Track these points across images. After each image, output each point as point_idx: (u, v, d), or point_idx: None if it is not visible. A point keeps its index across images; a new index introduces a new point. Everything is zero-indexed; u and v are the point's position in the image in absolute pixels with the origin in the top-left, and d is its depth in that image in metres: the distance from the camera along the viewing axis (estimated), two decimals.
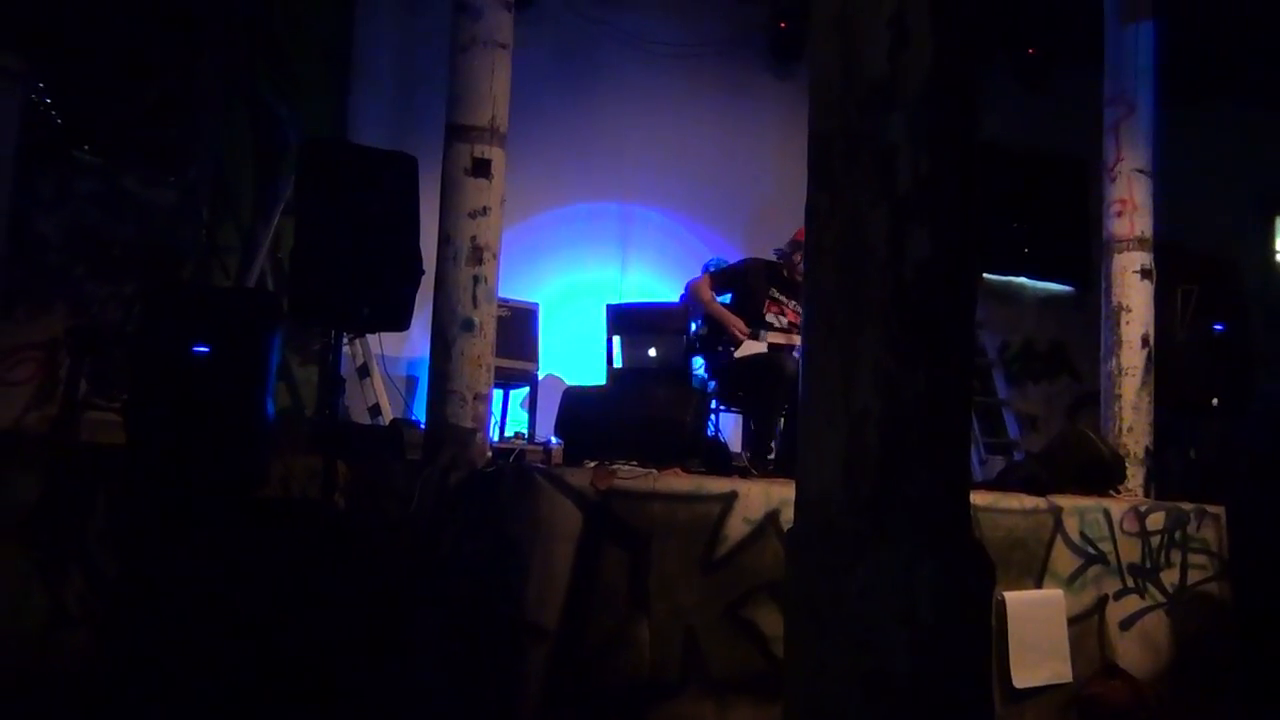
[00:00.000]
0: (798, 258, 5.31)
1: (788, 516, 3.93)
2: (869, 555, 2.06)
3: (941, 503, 2.14)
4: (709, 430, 5.00)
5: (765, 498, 4.06)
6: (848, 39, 2.16)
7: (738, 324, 5.25)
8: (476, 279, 4.59)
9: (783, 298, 5.39)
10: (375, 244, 4.20)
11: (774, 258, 5.49)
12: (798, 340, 5.19)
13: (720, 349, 5.31)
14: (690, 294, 5.51)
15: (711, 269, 6.24)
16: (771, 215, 7.29)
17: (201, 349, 3.87)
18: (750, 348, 5.29)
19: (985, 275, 8.58)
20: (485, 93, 4.68)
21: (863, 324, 2.11)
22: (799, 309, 5.35)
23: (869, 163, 2.10)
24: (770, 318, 5.36)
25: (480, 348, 4.59)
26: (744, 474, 4.50)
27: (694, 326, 5.62)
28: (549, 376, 6.95)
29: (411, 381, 6.89)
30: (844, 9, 2.17)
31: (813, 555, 2.17)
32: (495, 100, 4.69)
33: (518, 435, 6.27)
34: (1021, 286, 8.89)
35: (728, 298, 5.46)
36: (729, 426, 6.24)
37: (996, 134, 7.99)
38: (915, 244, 2.09)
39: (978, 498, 4.19)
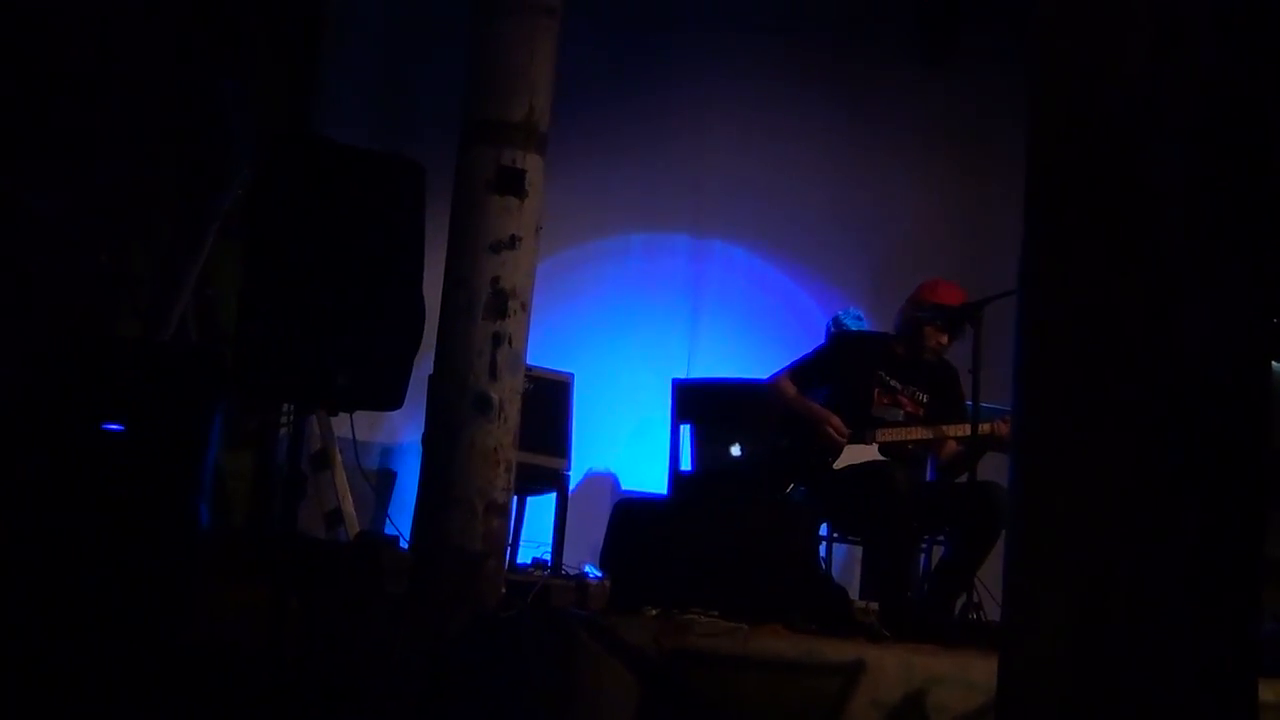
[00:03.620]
0: (930, 330, 5.32)
1: (939, 700, 3.90)
2: None
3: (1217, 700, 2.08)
4: (820, 567, 4.98)
5: (905, 672, 4.01)
6: (1086, 28, 2.13)
7: (831, 420, 5.25)
8: (498, 338, 4.64)
9: (896, 383, 5.39)
10: (360, 285, 4.18)
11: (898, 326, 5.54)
12: (918, 437, 5.19)
13: (814, 460, 5.30)
14: (770, 393, 5.53)
15: (837, 326, 6.22)
16: (911, 261, 7.26)
17: (113, 427, 3.87)
18: (858, 455, 5.30)
19: None
20: (521, 77, 4.77)
21: (1108, 438, 2.06)
22: (920, 397, 5.33)
23: (1121, 208, 2.06)
24: (881, 411, 5.38)
25: (499, 437, 4.64)
26: (872, 635, 4.49)
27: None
28: (587, 478, 6.96)
29: (387, 477, 6.89)
30: None
31: None
32: (535, 87, 4.76)
33: (538, 563, 6.25)
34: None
35: (823, 394, 5.48)
36: (842, 562, 6.17)
37: None
38: (1190, 325, 2.04)
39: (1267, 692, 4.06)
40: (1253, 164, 2.15)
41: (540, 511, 6.56)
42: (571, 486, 6.57)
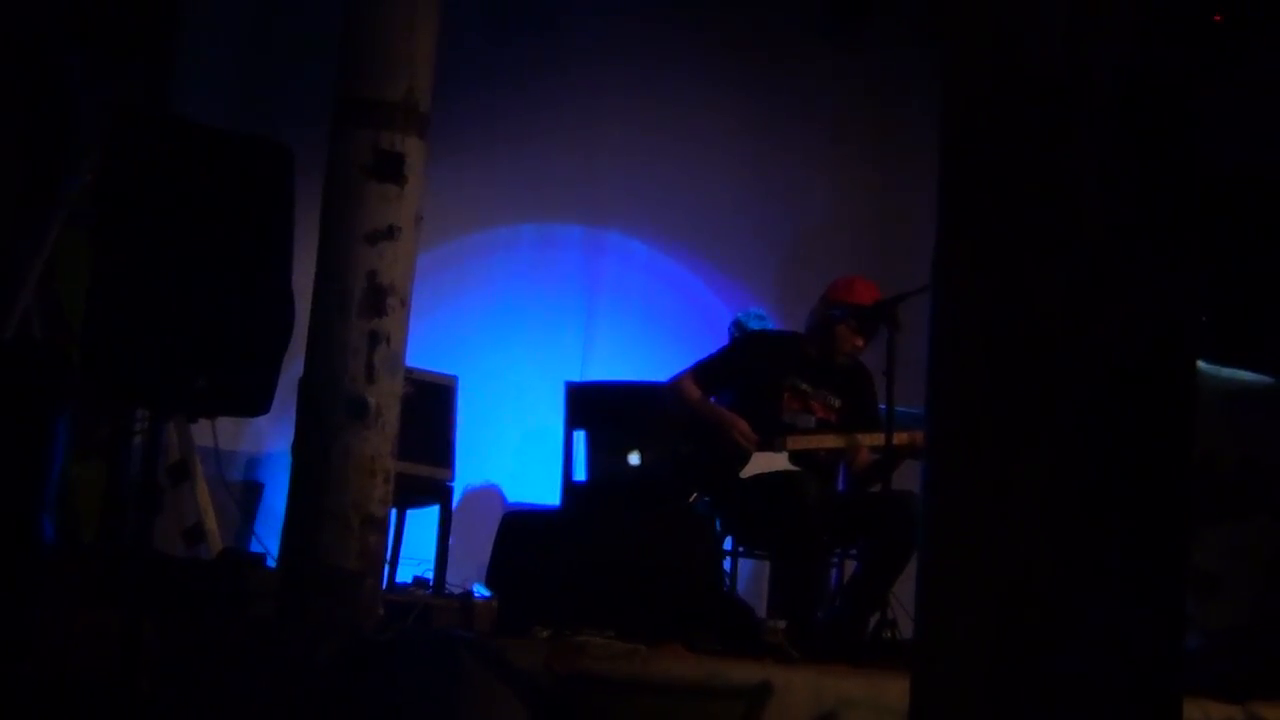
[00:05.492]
0: (843, 330, 5.37)
1: None
2: None
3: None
4: (724, 583, 5.01)
5: (814, 694, 4.04)
6: (999, 11, 2.17)
7: (738, 424, 5.28)
8: (375, 338, 4.61)
9: (808, 387, 5.43)
10: (222, 280, 4.14)
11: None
12: (830, 445, 5.24)
13: (719, 468, 5.32)
14: (670, 396, 5.53)
15: (739, 329, 6.27)
16: (822, 253, 7.34)
17: None
18: (767, 463, 5.32)
19: None
20: (400, 52, 4.74)
21: (1025, 445, 2.09)
22: (833, 401, 5.39)
23: (1037, 204, 2.09)
24: (792, 417, 5.41)
25: (376, 445, 4.59)
26: (778, 655, 4.52)
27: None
28: (472, 490, 6.94)
29: (253, 489, 6.83)
30: None
31: None
32: (415, 64, 4.74)
33: (419, 581, 6.23)
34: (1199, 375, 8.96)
35: (728, 398, 5.51)
36: (748, 577, 6.21)
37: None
38: (1110, 325, 2.07)
39: (1193, 710, 4.15)
40: (1176, 153, 2.19)
41: (422, 525, 6.54)
42: (456, 498, 6.58)
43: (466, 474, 6.73)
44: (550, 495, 6.47)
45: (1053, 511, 2.09)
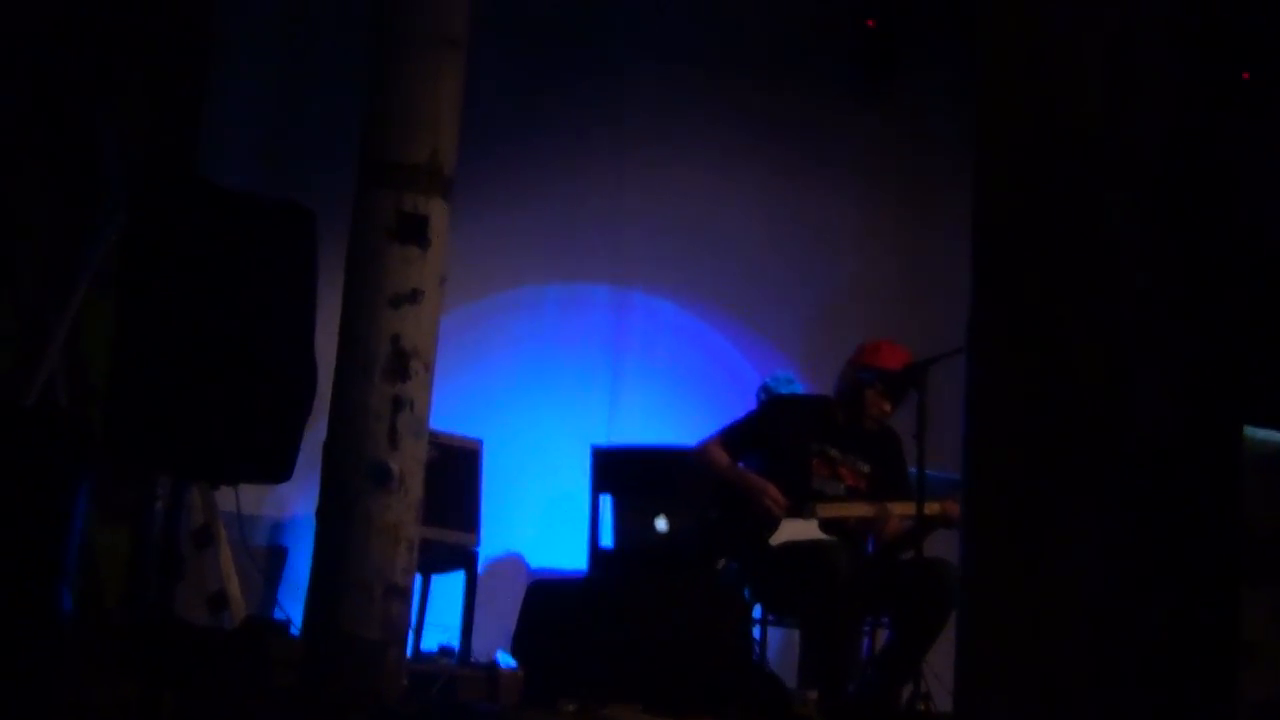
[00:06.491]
0: (871, 394, 5.36)
1: None
2: None
3: None
4: (754, 654, 5.04)
5: None
6: (1038, 70, 2.15)
7: (768, 489, 5.24)
8: (398, 402, 4.63)
9: (836, 453, 5.40)
10: (245, 344, 4.13)
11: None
12: (861, 513, 5.20)
13: (748, 534, 5.29)
14: (698, 461, 5.51)
15: (767, 393, 6.24)
16: (850, 314, 7.30)
17: None
18: (795, 530, 5.29)
19: None
20: (423, 115, 4.78)
21: (1065, 516, 2.05)
22: (862, 467, 5.35)
23: (1073, 269, 2.06)
24: (820, 483, 5.39)
25: (400, 511, 4.61)
26: None
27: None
28: (498, 556, 6.91)
29: (277, 555, 6.81)
30: (1031, 24, 2.15)
31: None
32: (439, 126, 4.78)
33: (444, 650, 6.21)
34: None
35: (756, 463, 5.48)
36: (778, 646, 6.15)
37: None
38: (1149, 395, 2.04)
39: None
40: (1213, 219, 2.16)
41: (447, 592, 6.50)
42: (481, 565, 6.55)
43: (491, 539, 6.69)
44: (576, 560, 6.43)
45: (1095, 587, 2.06)
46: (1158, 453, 2.09)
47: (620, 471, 6.35)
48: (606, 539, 6.15)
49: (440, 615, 6.47)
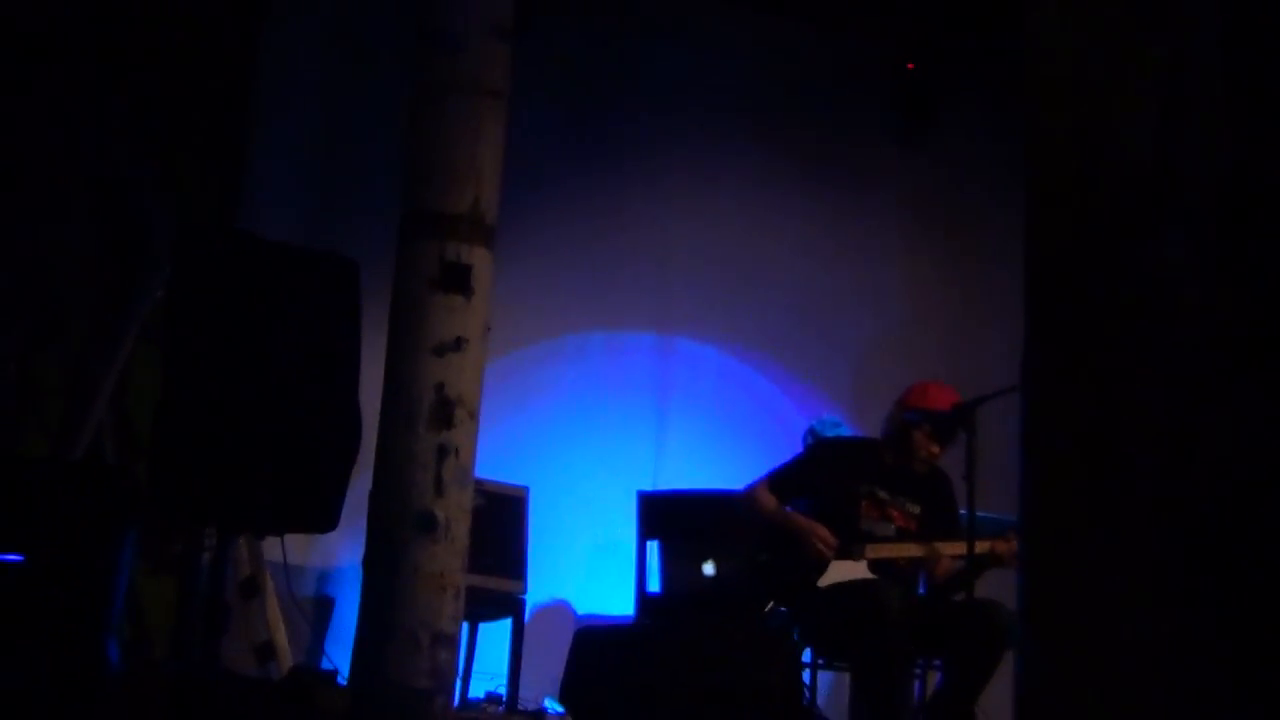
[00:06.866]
0: (920, 436, 5.34)
1: None
2: None
3: None
4: (805, 698, 5.00)
5: None
6: (1088, 105, 2.12)
7: (817, 531, 5.22)
8: (444, 450, 4.63)
9: (885, 494, 5.39)
10: (290, 394, 4.16)
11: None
12: (911, 554, 5.16)
13: (797, 577, 5.26)
14: (746, 504, 5.49)
15: (814, 437, 6.22)
16: (895, 355, 7.27)
17: (11, 558, 3.81)
18: (844, 572, 5.26)
19: None
20: (465, 164, 4.80)
21: (1129, 566, 2.02)
22: (912, 509, 5.32)
23: (1129, 306, 2.03)
24: (870, 525, 5.38)
25: (446, 559, 4.60)
26: None
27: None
28: (545, 603, 6.89)
29: (324, 605, 6.81)
30: (1079, 57, 2.13)
31: None
32: (481, 175, 4.79)
33: (492, 698, 6.19)
34: None
35: (804, 506, 5.46)
36: (828, 690, 6.09)
37: None
38: (1211, 438, 2.00)
39: None
40: (1274, 253, 2.13)
41: (494, 640, 6.47)
42: (528, 612, 6.51)
43: (538, 585, 6.68)
44: (623, 606, 6.40)
45: (1161, 641, 2.01)
46: (1222, 497, 2.04)
47: (667, 516, 6.33)
48: (654, 584, 6.13)
49: (487, 663, 6.45)
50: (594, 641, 4.86)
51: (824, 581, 5.24)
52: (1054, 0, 2.20)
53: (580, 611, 6.94)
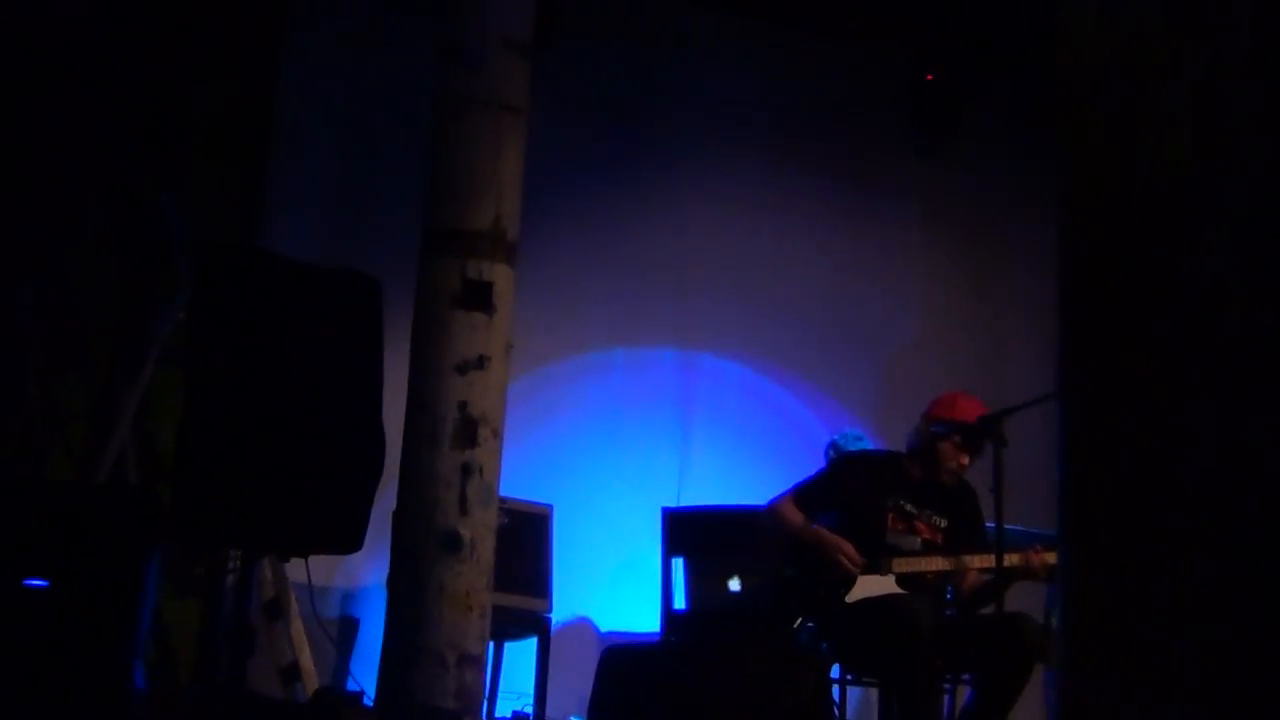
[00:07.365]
0: (947, 448, 5.31)
1: None
2: None
3: None
4: (833, 714, 5.02)
5: None
6: (1123, 113, 2.11)
7: (843, 546, 5.19)
8: (467, 469, 4.63)
9: (912, 508, 5.36)
10: (312, 414, 4.14)
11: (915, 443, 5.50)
12: (938, 567, 5.13)
13: (824, 592, 5.23)
14: (770, 520, 5.47)
15: (836, 451, 6.20)
16: (918, 368, 7.24)
17: (36, 583, 3.80)
18: (871, 586, 5.24)
19: None
20: (486, 181, 4.80)
21: (1174, 576, 2.00)
22: (939, 521, 5.29)
23: (1169, 309, 2.01)
24: (896, 539, 5.34)
25: (471, 579, 4.60)
26: None
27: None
28: (571, 621, 6.89)
29: (349, 625, 6.80)
30: (1114, 65, 2.11)
31: None
32: (501, 192, 4.79)
33: (519, 717, 6.19)
34: None
35: (829, 520, 5.43)
36: (856, 705, 6.06)
37: None
38: (1263, 456, 1.98)
39: None
40: None
41: (520, 658, 6.47)
42: (554, 630, 6.49)
43: (563, 603, 6.67)
44: (648, 624, 6.39)
45: (1204, 653, 1.98)
46: (1272, 507, 2.01)
47: (692, 533, 6.32)
48: (680, 601, 6.11)
49: (513, 682, 6.44)
50: (621, 659, 4.85)
51: (851, 597, 5.22)
52: (1086, 7, 2.18)
53: (605, 629, 6.92)
